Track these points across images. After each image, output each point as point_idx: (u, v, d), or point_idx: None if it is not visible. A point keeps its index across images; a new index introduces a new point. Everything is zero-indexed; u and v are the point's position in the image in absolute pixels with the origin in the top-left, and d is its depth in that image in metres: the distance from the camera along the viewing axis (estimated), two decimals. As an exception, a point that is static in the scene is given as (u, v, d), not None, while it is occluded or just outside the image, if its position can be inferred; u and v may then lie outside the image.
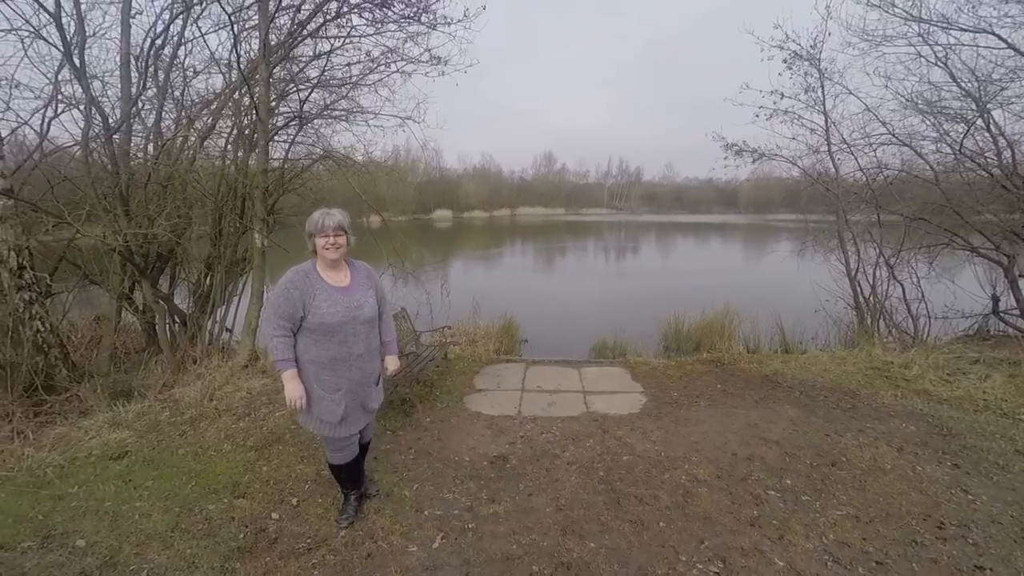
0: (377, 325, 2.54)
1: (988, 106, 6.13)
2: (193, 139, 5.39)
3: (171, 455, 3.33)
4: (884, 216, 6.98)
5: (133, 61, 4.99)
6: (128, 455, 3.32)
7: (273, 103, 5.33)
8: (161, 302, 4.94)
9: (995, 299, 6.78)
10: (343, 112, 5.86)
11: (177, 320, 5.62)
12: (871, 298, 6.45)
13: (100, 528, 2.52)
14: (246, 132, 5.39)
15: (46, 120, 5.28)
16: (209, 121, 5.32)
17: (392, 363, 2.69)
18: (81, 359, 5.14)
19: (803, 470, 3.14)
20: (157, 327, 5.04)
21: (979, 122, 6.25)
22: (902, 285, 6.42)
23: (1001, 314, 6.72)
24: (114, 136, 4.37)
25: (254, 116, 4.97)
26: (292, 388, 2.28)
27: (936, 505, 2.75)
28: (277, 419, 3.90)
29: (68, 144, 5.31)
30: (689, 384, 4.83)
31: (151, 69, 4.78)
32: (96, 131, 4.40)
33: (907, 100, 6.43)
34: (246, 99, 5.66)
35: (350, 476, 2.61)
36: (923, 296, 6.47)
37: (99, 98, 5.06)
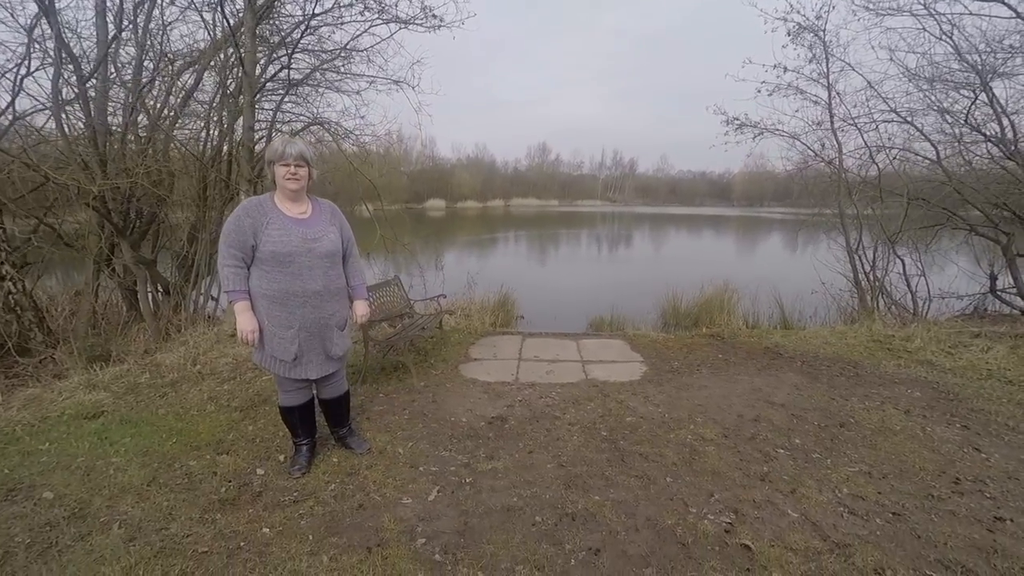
0: (339, 263, 2.41)
1: (991, 81, 6.06)
2: (176, 99, 5.13)
3: (151, 415, 3.15)
4: (885, 197, 6.92)
5: (111, 15, 4.71)
6: (104, 415, 3.14)
7: (261, 59, 5.08)
8: (142, 267, 4.71)
9: (993, 278, 6.76)
10: (334, 74, 5.61)
11: (160, 289, 5.39)
12: (871, 274, 6.39)
13: (70, 482, 2.35)
14: (231, 90, 5.14)
15: (19, 78, 5.01)
16: (192, 79, 5.06)
17: (360, 308, 2.56)
18: (59, 329, 4.92)
19: (811, 430, 3.04)
20: (139, 294, 4.82)
21: (983, 96, 6.18)
22: (902, 260, 6.37)
23: (998, 293, 6.71)
24: (88, 83, 4.11)
25: (240, 72, 4.72)
26: (244, 320, 2.16)
27: (950, 463, 2.66)
28: (264, 382, 3.72)
29: (43, 101, 5.04)
30: (690, 354, 4.72)
31: (127, 14, 4.49)
32: (69, 78, 4.13)
33: (911, 73, 6.33)
34: (231, 61, 5.42)
35: (301, 421, 2.50)
36: (923, 271, 6.42)
37: (79, 58, 4.79)
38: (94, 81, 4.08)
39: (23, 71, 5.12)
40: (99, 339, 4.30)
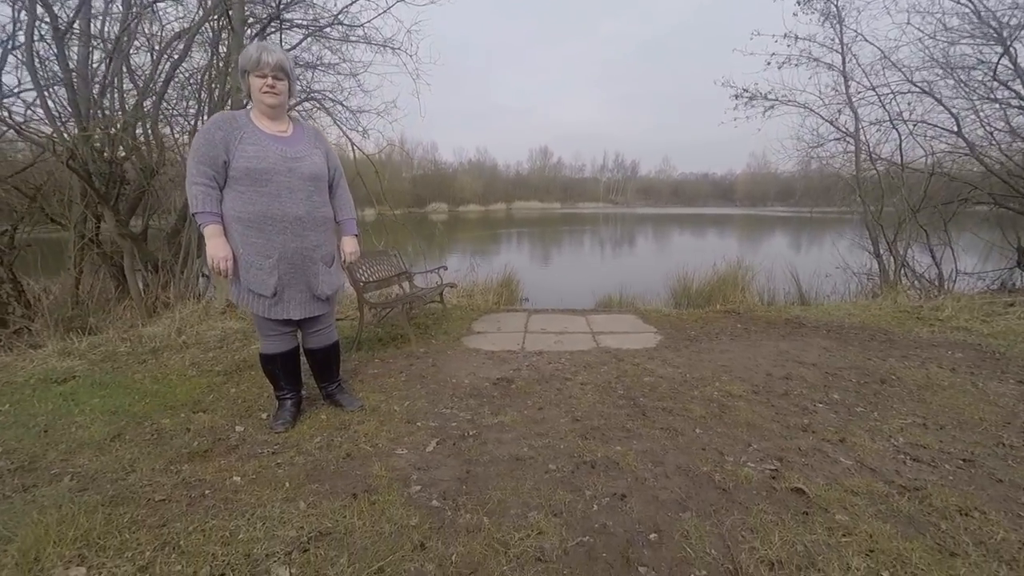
0: (325, 191, 2.16)
1: (1012, 44, 5.80)
2: (164, 67, 4.93)
3: (125, 379, 2.89)
4: (905, 171, 6.64)
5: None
6: (75, 379, 2.88)
7: (251, 29, 4.87)
8: (128, 240, 4.48)
9: (1020, 251, 6.44)
10: (327, 42, 5.41)
11: (149, 266, 5.16)
12: (893, 245, 6.08)
13: (25, 438, 2.09)
14: (221, 65, 4.93)
15: (4, 52, 4.82)
16: (181, 46, 4.86)
17: (349, 244, 2.30)
18: (41, 306, 4.69)
19: (850, 387, 2.75)
20: (126, 268, 4.58)
21: (1004, 60, 5.91)
22: (926, 232, 6.06)
23: (1027, 266, 6.39)
24: (66, 36, 3.90)
25: (229, 38, 4.51)
26: (214, 246, 1.90)
27: (1013, 415, 2.36)
28: (253, 350, 3.46)
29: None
30: (706, 325, 4.44)
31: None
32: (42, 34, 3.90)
33: (928, 37, 6.07)
34: (221, 31, 5.22)
35: (284, 372, 2.23)
36: (948, 241, 6.10)
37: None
38: (74, 36, 3.86)
39: (10, 45, 4.94)
40: (79, 310, 4.06)
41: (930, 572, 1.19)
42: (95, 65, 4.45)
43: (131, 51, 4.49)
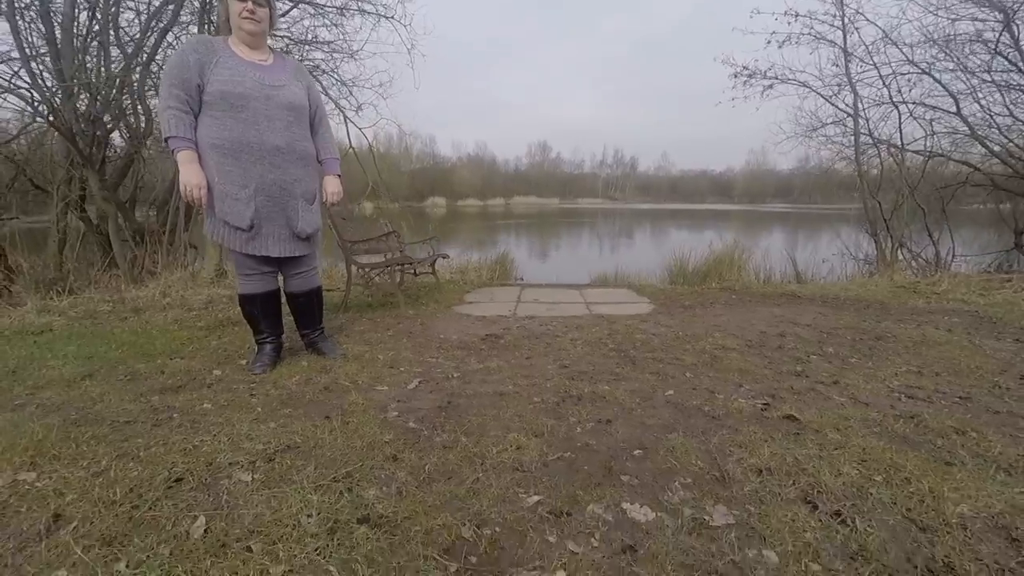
0: (306, 124, 2.08)
1: (1015, 17, 5.74)
2: (153, 33, 4.83)
3: (105, 332, 2.82)
4: (904, 152, 6.59)
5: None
6: (51, 331, 2.81)
7: None
8: (112, 205, 4.39)
9: (1018, 232, 6.41)
10: (327, 7, 5.31)
11: (136, 236, 5.07)
12: (890, 222, 6.03)
13: (-8, 377, 2.02)
14: (214, 27, 4.83)
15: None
16: (170, 11, 4.75)
17: (332, 184, 2.23)
18: (24, 271, 4.61)
19: (845, 343, 2.70)
20: (111, 233, 4.50)
21: (1005, 37, 5.86)
22: (924, 210, 6.01)
23: (1025, 248, 6.36)
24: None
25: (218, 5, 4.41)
26: (188, 172, 1.82)
27: (1009, 365, 2.32)
28: (239, 311, 3.39)
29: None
30: (701, 297, 4.39)
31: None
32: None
33: (931, 14, 6.00)
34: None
35: (264, 314, 2.16)
36: (946, 219, 6.06)
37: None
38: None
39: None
40: (61, 274, 3.98)
41: (925, 477, 1.13)
42: (82, 26, 4.35)
43: (119, 14, 4.38)
